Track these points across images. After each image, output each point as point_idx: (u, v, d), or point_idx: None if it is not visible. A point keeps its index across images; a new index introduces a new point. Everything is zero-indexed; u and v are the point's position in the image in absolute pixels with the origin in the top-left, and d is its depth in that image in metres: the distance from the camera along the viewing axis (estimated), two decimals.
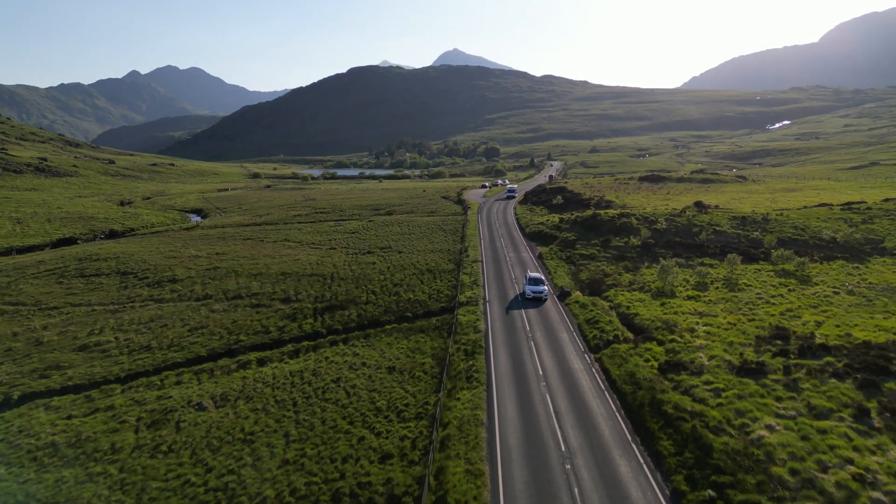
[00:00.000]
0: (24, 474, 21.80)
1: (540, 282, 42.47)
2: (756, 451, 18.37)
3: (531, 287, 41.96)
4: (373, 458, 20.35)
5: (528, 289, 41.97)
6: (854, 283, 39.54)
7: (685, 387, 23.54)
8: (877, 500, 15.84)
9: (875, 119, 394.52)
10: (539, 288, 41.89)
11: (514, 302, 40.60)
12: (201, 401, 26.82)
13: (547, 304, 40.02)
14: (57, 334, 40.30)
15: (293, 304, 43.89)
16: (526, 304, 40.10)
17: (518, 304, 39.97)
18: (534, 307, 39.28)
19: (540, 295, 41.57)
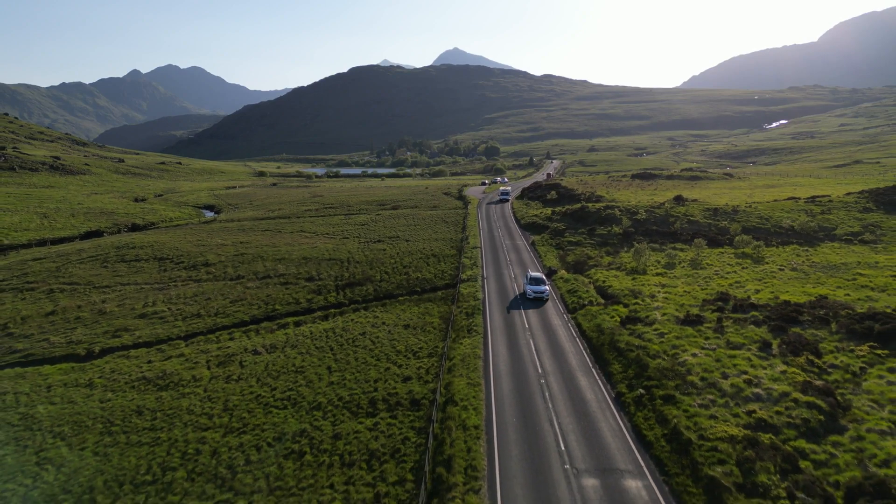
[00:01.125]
0: (129, 396, 28.55)
1: (541, 281, 41.25)
2: (679, 368, 25.11)
3: (532, 287, 40.72)
4: (397, 380, 27.09)
5: (529, 289, 40.73)
6: (799, 263, 46.27)
7: (638, 332, 30.27)
8: (756, 393, 22.56)
9: (870, 118, 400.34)
10: (540, 288, 40.59)
11: (509, 283, 47.24)
12: (255, 348, 33.59)
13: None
14: (116, 306, 47.06)
15: (317, 282, 50.63)
16: (518, 282, 46.73)
17: (513, 286, 46.61)
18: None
19: (541, 295, 40.20)
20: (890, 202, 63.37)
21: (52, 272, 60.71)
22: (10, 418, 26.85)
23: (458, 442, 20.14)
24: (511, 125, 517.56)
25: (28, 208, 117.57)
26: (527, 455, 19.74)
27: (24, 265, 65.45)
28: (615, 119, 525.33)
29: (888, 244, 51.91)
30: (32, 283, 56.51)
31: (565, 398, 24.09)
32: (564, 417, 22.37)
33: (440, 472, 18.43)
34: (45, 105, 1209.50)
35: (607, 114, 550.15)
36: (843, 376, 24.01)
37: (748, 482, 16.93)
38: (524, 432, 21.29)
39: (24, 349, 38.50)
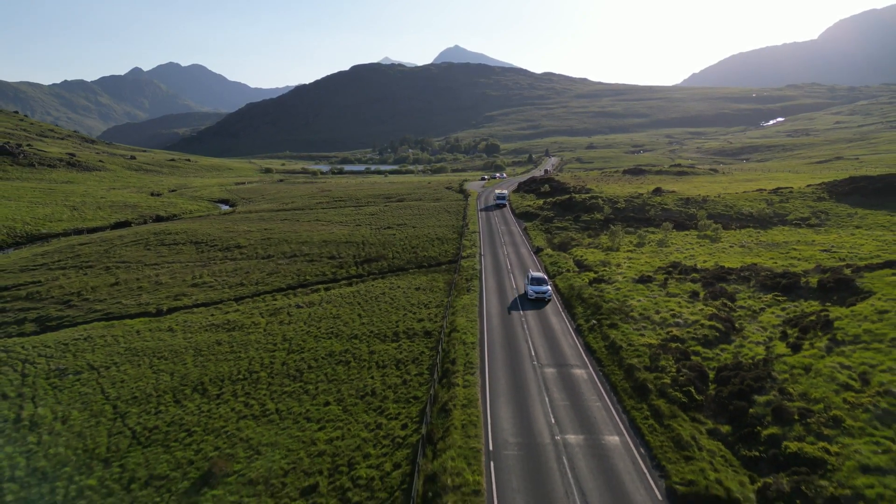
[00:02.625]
0: (205, 335, 36.96)
1: (543, 281, 39.51)
2: (625, 308, 33.53)
3: (534, 287, 38.78)
4: (412, 321, 35.53)
5: (530, 289, 38.77)
6: (748, 241, 54.64)
7: (600, 289, 38.67)
8: (676, 322, 30.98)
9: (866, 116, 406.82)
10: (542, 288, 38.67)
11: (502, 258, 55.56)
12: (298, 304, 42.05)
13: (523, 253, 55.24)
14: (169, 278, 55.53)
15: (338, 259, 59.05)
16: (510, 256, 55.10)
17: (505, 260, 54.98)
18: (517, 258, 54.24)
19: (543, 296, 38.26)
20: (841, 192, 71.62)
21: (102, 254, 69.18)
22: (118, 349, 35.33)
23: (459, 350, 28.59)
24: (511, 123, 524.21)
25: (56, 202, 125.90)
26: (507, 357, 28.22)
27: (73, 249, 73.95)
28: (614, 117, 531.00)
29: (830, 227, 60.25)
30: (89, 262, 65.01)
31: (539, 328, 32.56)
32: (537, 339, 30.85)
33: (447, 367, 26.85)
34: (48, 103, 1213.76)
35: (606, 112, 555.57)
36: (746, 313, 32.42)
37: (653, 365, 25.34)
38: (506, 346, 29.77)
39: (103, 309, 47.01)
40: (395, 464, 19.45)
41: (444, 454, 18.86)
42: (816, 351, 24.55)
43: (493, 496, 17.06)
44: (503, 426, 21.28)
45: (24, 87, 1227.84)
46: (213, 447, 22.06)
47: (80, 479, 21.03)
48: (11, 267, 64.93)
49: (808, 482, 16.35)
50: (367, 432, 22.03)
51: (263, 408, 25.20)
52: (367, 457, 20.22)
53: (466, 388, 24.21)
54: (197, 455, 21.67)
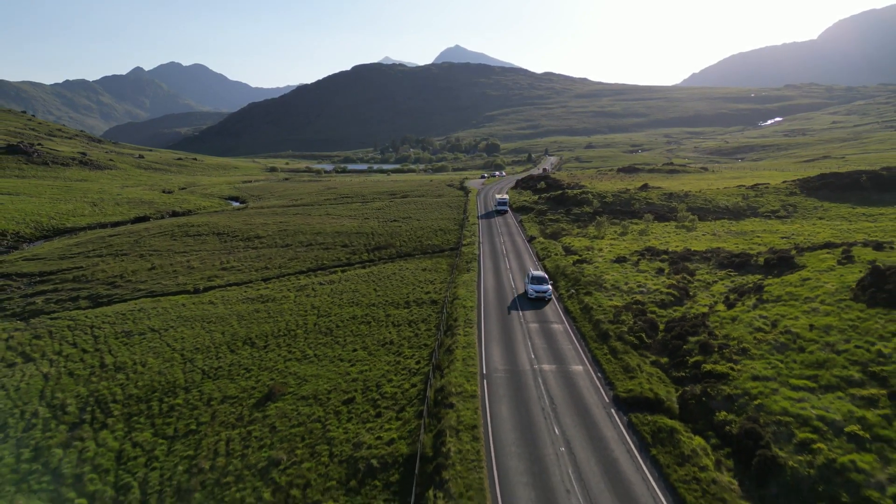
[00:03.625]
0: (243, 306, 43.21)
1: (543, 280, 38.86)
2: (600, 281, 39.81)
3: (534, 287, 38.25)
4: (420, 292, 41.82)
5: (530, 288, 38.32)
6: (719, 230, 60.86)
7: (581, 268, 44.96)
8: (640, 290, 37.22)
9: (862, 116, 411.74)
10: (542, 287, 38.07)
11: (498, 245, 61.82)
12: (320, 282, 48.35)
13: (518, 241, 61.47)
14: (199, 263, 61.83)
15: (350, 247, 65.35)
16: (506, 243, 61.32)
17: (501, 247, 61.24)
18: (511, 245, 60.44)
19: (543, 295, 37.69)
20: (811, 188, 77.79)
21: (132, 244, 75.49)
22: (170, 317, 41.65)
23: (460, 312, 34.89)
24: (511, 122, 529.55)
25: (75, 198, 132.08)
26: (499, 317, 34.55)
27: (104, 240, 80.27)
28: (614, 117, 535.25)
29: (796, 218, 66.45)
30: (123, 251, 71.33)
31: (527, 299, 38.86)
32: (525, 304, 37.16)
33: (450, 323, 33.14)
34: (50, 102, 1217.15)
35: (606, 111, 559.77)
36: (701, 284, 38.68)
37: (615, 319, 31.67)
38: (499, 309, 36.09)
39: (146, 288, 53.34)
40: (411, 384, 25.75)
41: (448, 375, 25.16)
42: (745, 307, 30.84)
43: (486, 398, 23.38)
44: (494, 360, 27.61)
45: (26, 87, 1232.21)
46: (268, 378, 28.37)
47: (168, 399, 27.34)
48: (50, 255, 71.24)
49: (713, 387, 22.62)
50: (388, 367, 28.33)
51: (304, 354, 31.51)
52: (389, 381, 26.53)
53: (466, 336, 30.52)
54: (257, 383, 27.99)
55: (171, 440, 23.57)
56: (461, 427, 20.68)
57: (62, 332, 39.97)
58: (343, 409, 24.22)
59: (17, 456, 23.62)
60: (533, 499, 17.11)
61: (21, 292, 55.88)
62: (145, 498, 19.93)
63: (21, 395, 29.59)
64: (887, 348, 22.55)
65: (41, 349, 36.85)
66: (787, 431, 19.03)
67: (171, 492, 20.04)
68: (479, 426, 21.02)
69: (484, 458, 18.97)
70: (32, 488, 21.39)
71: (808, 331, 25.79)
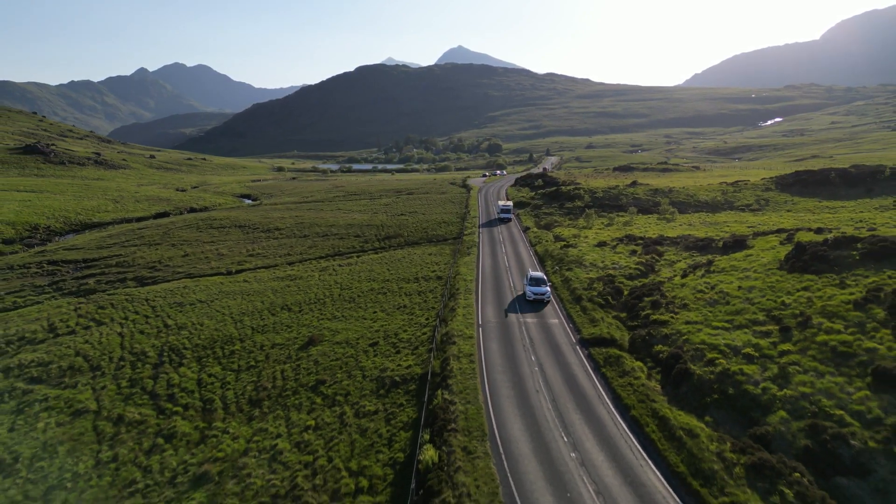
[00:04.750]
0: (275, 283, 50.17)
1: (542, 282, 38.32)
2: (581, 260, 46.67)
3: (532, 288, 37.62)
4: (428, 271, 48.75)
5: (528, 290, 37.69)
6: (695, 221, 67.56)
7: (566, 251, 51.82)
8: (614, 267, 44.07)
9: (861, 116, 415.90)
10: (541, 290, 37.41)
11: (496, 235, 68.62)
12: (339, 264, 55.27)
13: (514, 231, 68.33)
14: (228, 251, 68.87)
15: (363, 237, 72.30)
16: (503, 232, 68.15)
17: (498, 235, 68.06)
18: (508, 234, 67.27)
19: (542, 297, 37.10)
20: (785, 184, 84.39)
21: (162, 235, 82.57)
22: (213, 291, 48.65)
23: (461, 284, 41.81)
24: (513, 123, 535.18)
25: (97, 196, 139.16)
26: (494, 287, 41.49)
27: (135, 232, 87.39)
28: (615, 117, 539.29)
29: (767, 211, 73.12)
30: (155, 241, 78.43)
31: (516, 273, 45.81)
32: (516, 278, 44.13)
33: (453, 291, 40.07)
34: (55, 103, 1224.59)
35: (607, 112, 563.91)
36: (666, 262, 45.48)
37: (589, 287, 38.56)
38: (494, 283, 43.02)
39: (184, 271, 60.37)
40: (422, 332, 32.68)
41: (451, 325, 32.09)
42: (694, 277, 37.66)
43: (480, 338, 30.33)
44: (488, 315, 34.56)
45: (31, 88, 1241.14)
46: (307, 331, 35.33)
47: (228, 347, 34.30)
48: (87, 245, 78.40)
49: (655, 330, 29.47)
50: (403, 322, 35.27)
51: (333, 315, 38.48)
52: (405, 331, 33.46)
53: (466, 300, 37.44)
54: (298, 335, 34.94)
55: (237, 372, 30.54)
56: (461, 355, 27.60)
57: (122, 304, 47.02)
58: (370, 349, 31.15)
59: (118, 384, 30.62)
60: (512, 396, 24.00)
61: (72, 275, 63.02)
62: (226, 405, 26.88)
63: (104, 346, 36.62)
64: (789, 299, 29.34)
65: (109, 316, 43.91)
66: (700, 354, 25.86)
67: (244, 402, 26.99)
68: (475, 354, 27.94)
69: (478, 373, 25.89)
70: (136, 403, 28.36)
71: (737, 290, 32.61)
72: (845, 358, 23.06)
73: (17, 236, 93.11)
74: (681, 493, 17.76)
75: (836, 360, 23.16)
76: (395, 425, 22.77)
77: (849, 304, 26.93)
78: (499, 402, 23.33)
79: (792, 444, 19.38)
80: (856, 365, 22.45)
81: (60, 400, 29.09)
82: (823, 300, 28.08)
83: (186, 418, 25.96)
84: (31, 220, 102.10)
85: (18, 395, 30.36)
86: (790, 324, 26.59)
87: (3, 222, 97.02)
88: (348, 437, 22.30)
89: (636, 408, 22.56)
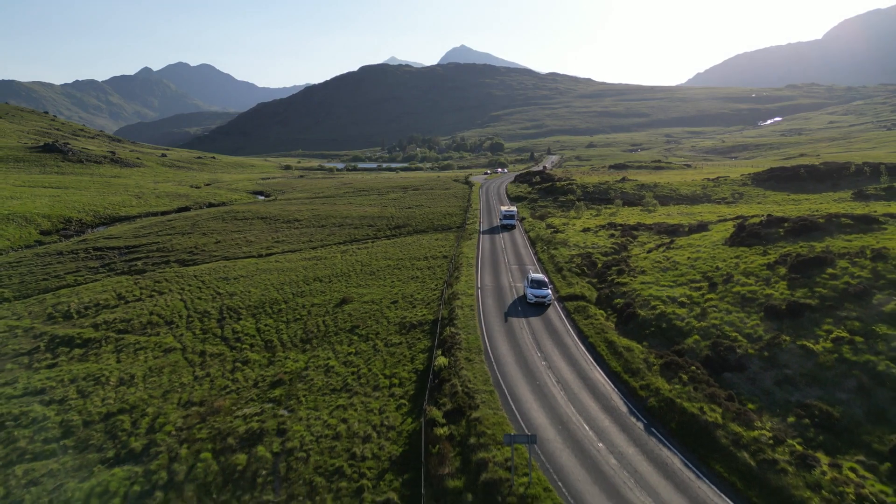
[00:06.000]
0: (304, 262, 58.32)
1: (543, 284, 37.35)
2: (566, 242, 54.73)
3: (534, 290, 36.68)
4: (435, 251, 56.88)
5: (529, 292, 36.74)
6: (673, 212, 75.42)
7: (555, 235, 59.86)
8: (593, 246, 52.08)
9: (859, 116, 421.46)
10: (542, 292, 36.45)
11: (495, 223, 76.51)
12: (357, 248, 63.42)
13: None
14: (255, 239, 77.08)
15: (375, 227, 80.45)
16: (503, 228, 76.24)
17: (497, 227, 75.99)
18: (507, 230, 75.33)
19: (543, 300, 36.15)
20: (760, 179, 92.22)
21: (192, 226, 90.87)
22: (251, 269, 56.84)
23: (464, 261, 49.93)
24: (515, 122, 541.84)
25: (119, 192, 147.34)
26: (491, 263, 49.65)
27: (164, 223, 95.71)
28: (616, 116, 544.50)
29: (739, 203, 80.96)
30: (186, 231, 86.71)
31: (511, 252, 53.98)
32: (509, 256, 52.34)
33: (457, 265, 48.18)
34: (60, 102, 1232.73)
35: (609, 111, 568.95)
36: (638, 243, 53.44)
37: (569, 261, 46.65)
38: (491, 260, 51.18)
39: (220, 255, 68.60)
40: (432, 294, 40.83)
41: (456, 287, 40.24)
42: (657, 252, 45.70)
43: (479, 296, 38.54)
44: (485, 281, 42.71)
45: (36, 87, 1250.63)
46: (339, 295, 43.48)
47: (275, 307, 42.46)
48: (124, 235, 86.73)
49: (616, 289, 37.51)
50: (416, 288, 43.45)
51: (358, 284, 46.66)
52: (418, 294, 41.62)
53: (467, 271, 45.60)
54: (332, 297, 43.11)
55: (287, 323, 38.73)
56: (464, 306, 35.74)
57: (174, 279, 55.28)
58: (391, 306, 39.32)
59: (193, 332, 38.81)
60: (502, 331, 32.13)
61: (119, 259, 71.33)
62: (283, 343, 35.02)
63: (171, 308, 44.83)
64: (722, 264, 37.35)
65: (166, 287, 52.17)
66: (647, 303, 33.91)
67: (297, 340, 35.15)
68: (475, 306, 36.09)
69: (476, 317, 34.04)
70: (212, 343, 36.52)
71: (686, 260, 40.64)
72: (750, 301, 31.07)
73: (53, 228, 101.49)
74: (615, 382, 25.83)
75: (742, 303, 31.18)
76: (414, 350, 30.88)
77: (763, 265, 34.94)
78: (491, 334, 31.44)
79: (698, 354, 27.42)
80: (756, 306, 30.46)
81: (150, 342, 37.31)
82: (746, 263, 36.11)
83: (254, 351, 34.12)
84: (64, 214, 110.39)
85: (113, 341, 38.60)
86: (717, 280, 34.61)
87: (40, 215, 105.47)
88: (381, 357, 30.42)
89: (593, 337, 30.64)
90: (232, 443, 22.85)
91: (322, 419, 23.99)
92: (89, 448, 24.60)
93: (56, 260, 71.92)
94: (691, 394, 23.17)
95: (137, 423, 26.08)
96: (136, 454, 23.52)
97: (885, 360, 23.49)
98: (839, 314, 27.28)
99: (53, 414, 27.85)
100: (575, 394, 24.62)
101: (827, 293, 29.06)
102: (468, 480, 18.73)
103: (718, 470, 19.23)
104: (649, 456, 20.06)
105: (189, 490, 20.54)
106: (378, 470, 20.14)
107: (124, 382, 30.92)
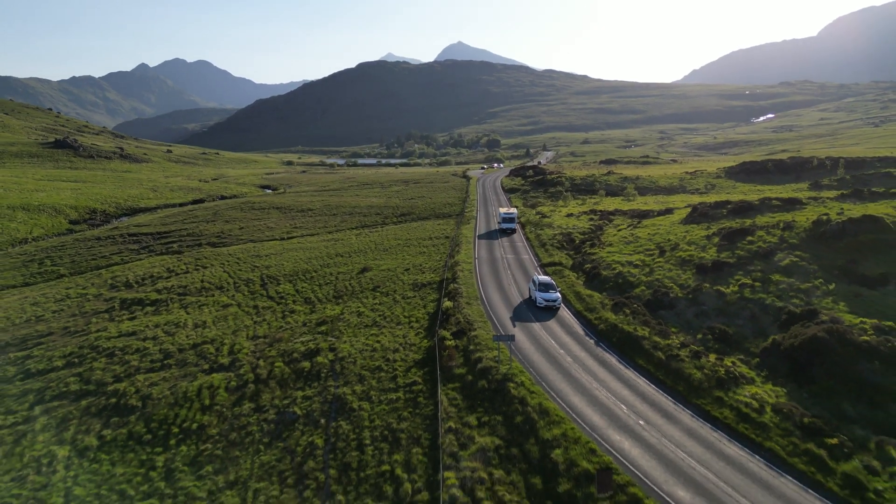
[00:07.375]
0: (326, 243, 66.97)
1: (552, 287, 36.43)
2: (552, 225, 63.57)
3: (542, 294, 35.68)
4: (438, 232, 65.67)
5: (539, 296, 35.67)
6: (650, 201, 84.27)
7: (541, 219, 68.65)
8: (574, 228, 60.96)
9: (849, 113, 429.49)
10: (551, 296, 35.60)
11: (491, 211, 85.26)
12: (369, 232, 72.12)
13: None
14: (275, 225, 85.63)
15: (382, 215, 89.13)
16: (496, 210, 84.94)
17: (493, 211, 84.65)
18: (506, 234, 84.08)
19: (553, 304, 35.33)
20: (733, 172, 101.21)
21: (213, 215, 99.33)
22: (277, 249, 65.47)
23: (463, 239, 58.75)
24: (512, 119, 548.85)
25: (134, 186, 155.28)
26: (487, 241, 58.63)
27: (187, 213, 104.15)
28: (611, 113, 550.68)
29: (711, 194, 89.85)
30: (210, 219, 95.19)
31: (504, 235, 62.76)
32: (503, 237, 61.07)
33: (457, 243, 56.95)
34: (57, 99, 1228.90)
35: (604, 108, 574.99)
36: (613, 224, 62.24)
37: (552, 238, 55.50)
38: (487, 239, 60.07)
39: (246, 238, 77.13)
40: (438, 263, 49.67)
41: (456, 257, 49.08)
42: (625, 231, 54.57)
43: (476, 264, 47.47)
44: (481, 254, 51.65)
45: (33, 83, 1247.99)
46: (360, 265, 52.19)
47: (307, 275, 51.14)
48: (152, 223, 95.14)
49: (587, 257, 46.37)
50: (424, 260, 52.23)
51: (375, 258, 55.41)
52: (426, 264, 50.44)
53: (466, 247, 54.46)
54: (354, 267, 51.86)
55: (320, 286, 47.47)
56: (464, 271, 44.61)
57: (212, 256, 63.88)
58: (404, 273, 48.14)
59: (242, 293, 47.48)
60: (494, 286, 40.98)
61: (155, 242, 79.80)
62: (319, 299, 43.75)
63: (218, 277, 53.47)
64: (673, 237, 46.22)
65: (209, 262, 60.79)
66: (609, 265, 42.80)
67: (331, 296, 43.91)
68: (473, 271, 44.95)
69: (474, 278, 42.89)
70: (261, 300, 45.20)
71: (646, 235, 49.53)
72: (687, 262, 39.98)
73: (80, 218, 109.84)
74: (577, 317, 34.78)
75: (682, 264, 40.09)
76: (426, 300, 39.70)
77: (704, 237, 43.85)
78: (486, 288, 40.31)
79: (641, 298, 36.31)
80: (691, 265, 39.36)
81: (209, 300, 46.02)
82: (691, 236, 45.02)
83: (297, 304, 42.87)
84: (89, 205, 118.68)
85: (177, 300, 47.27)
86: (666, 248, 43.53)
87: (67, 206, 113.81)
88: (400, 305, 39.25)
89: (565, 289, 39.50)
90: (297, 356, 31.65)
91: (361, 341, 32.81)
92: (188, 364, 33.33)
93: (97, 244, 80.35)
94: (630, 321, 32.05)
95: (220, 349, 34.81)
96: (225, 366, 32.27)
97: (772, 296, 32.41)
98: (749, 268, 36.22)
99: (151, 345, 36.56)
100: (547, 325, 33.47)
101: (743, 254, 38.00)
102: (468, 369, 27.56)
103: (640, 363, 28.12)
104: (594, 356, 28.97)
105: (272, 383, 29.31)
106: (406, 366, 28.96)
107: (199, 325, 39.64)
